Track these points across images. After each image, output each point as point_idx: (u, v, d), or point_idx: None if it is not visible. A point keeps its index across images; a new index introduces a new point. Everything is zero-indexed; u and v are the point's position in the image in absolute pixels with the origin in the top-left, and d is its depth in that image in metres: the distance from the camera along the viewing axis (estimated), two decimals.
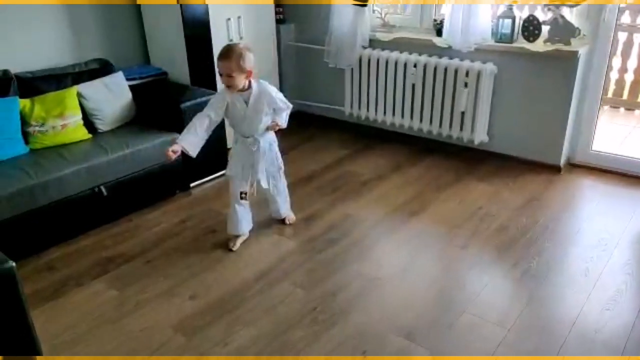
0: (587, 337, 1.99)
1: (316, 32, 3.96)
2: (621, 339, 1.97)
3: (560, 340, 1.98)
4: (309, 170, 3.48)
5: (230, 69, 2.25)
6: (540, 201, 3.00)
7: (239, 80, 2.29)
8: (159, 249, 2.64)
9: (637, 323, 2.04)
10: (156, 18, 3.46)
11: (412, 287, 2.32)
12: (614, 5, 2.96)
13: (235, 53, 2.25)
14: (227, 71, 2.26)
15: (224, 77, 2.29)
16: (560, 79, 3.13)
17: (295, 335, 2.04)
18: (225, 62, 2.26)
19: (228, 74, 2.26)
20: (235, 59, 2.24)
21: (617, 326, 2.04)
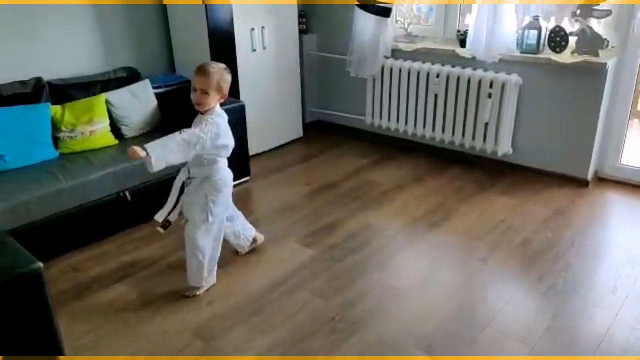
0: (614, 356, 1.92)
1: (338, 41, 3.99)
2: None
3: (586, 358, 1.92)
4: (330, 179, 3.48)
5: (208, 86, 2.11)
6: (566, 215, 2.93)
7: (212, 99, 2.15)
8: (180, 254, 2.65)
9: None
10: (182, 24, 3.53)
11: (432, 298, 2.29)
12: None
13: (218, 71, 2.14)
14: (203, 87, 2.11)
15: (196, 94, 2.13)
16: (587, 91, 3.07)
17: (314, 344, 2.03)
18: (203, 78, 2.11)
19: (204, 91, 2.11)
20: (216, 76, 2.12)
21: None
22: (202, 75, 2.13)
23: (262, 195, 3.40)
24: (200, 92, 2.13)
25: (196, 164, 2.26)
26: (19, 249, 1.76)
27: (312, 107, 4.38)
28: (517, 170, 3.45)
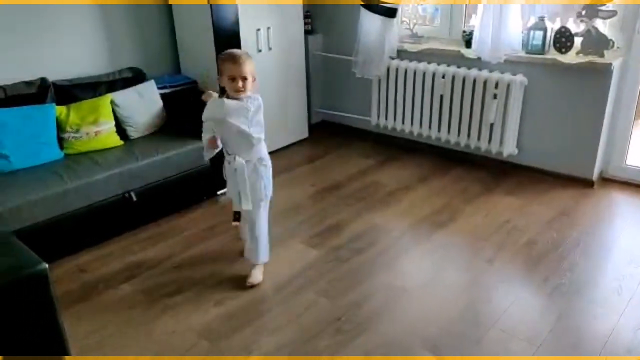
0: (619, 356, 1.92)
1: (344, 42, 3.99)
2: None
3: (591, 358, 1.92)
4: (335, 180, 3.49)
5: (247, 72, 2.15)
6: (572, 216, 2.93)
7: (251, 83, 2.19)
8: (186, 255, 2.68)
9: None
10: (187, 24, 3.53)
11: (438, 299, 2.28)
12: None
13: (248, 56, 2.19)
14: (243, 74, 2.14)
15: (236, 82, 2.14)
16: (593, 91, 3.07)
17: (320, 345, 2.03)
18: (239, 66, 2.14)
19: (244, 77, 2.15)
20: (250, 61, 2.17)
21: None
22: (238, 63, 2.15)
23: None
24: (241, 79, 2.16)
25: (247, 148, 2.28)
26: (24, 250, 1.76)
27: (318, 108, 4.38)
28: (522, 170, 3.45)
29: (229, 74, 2.16)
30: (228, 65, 2.16)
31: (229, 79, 2.16)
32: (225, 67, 2.17)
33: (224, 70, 2.18)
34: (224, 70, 2.18)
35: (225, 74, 2.17)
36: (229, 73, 2.16)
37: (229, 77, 2.16)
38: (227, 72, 2.16)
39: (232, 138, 2.25)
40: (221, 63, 2.20)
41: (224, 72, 2.18)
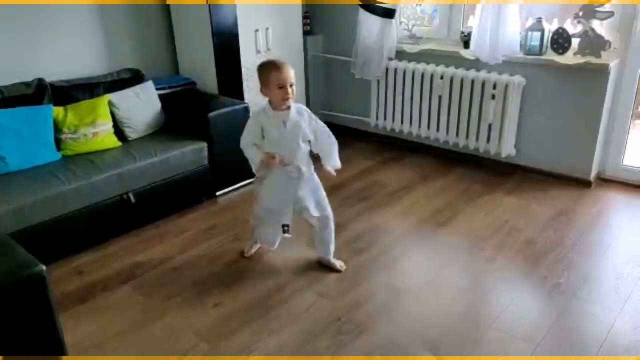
0: (617, 356, 1.93)
1: (343, 43, 4.00)
2: None
3: (591, 354, 1.92)
4: (335, 181, 3.43)
5: (293, 78, 2.15)
6: (570, 216, 2.94)
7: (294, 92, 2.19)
8: (185, 256, 2.67)
9: None
10: (186, 25, 3.52)
11: (439, 299, 2.29)
12: None
13: (288, 64, 2.19)
14: (290, 80, 2.15)
15: (284, 90, 2.14)
16: (590, 92, 3.08)
17: (320, 345, 2.03)
18: (285, 73, 2.14)
19: (291, 83, 2.15)
20: (291, 68, 2.17)
21: None
22: (283, 70, 2.15)
23: None
24: (288, 86, 2.15)
25: (306, 156, 2.33)
26: (22, 252, 1.75)
27: (317, 109, 4.38)
28: (521, 171, 3.46)
29: (277, 82, 2.14)
30: (274, 74, 2.14)
31: (278, 87, 2.15)
32: (271, 76, 2.15)
33: (271, 80, 2.15)
34: (269, 80, 2.15)
35: (272, 83, 2.15)
36: (277, 82, 2.14)
37: (278, 86, 2.14)
38: (274, 81, 2.14)
39: (286, 147, 2.26)
40: (264, 73, 2.18)
41: (271, 82, 2.15)
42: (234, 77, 3.54)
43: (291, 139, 2.25)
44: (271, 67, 2.16)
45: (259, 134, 2.28)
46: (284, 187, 2.32)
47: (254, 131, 2.28)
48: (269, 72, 2.16)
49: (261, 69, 2.21)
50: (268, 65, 2.18)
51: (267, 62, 2.23)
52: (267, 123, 2.25)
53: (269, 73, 2.16)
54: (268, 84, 2.17)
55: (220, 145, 3.18)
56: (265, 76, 2.17)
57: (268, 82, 2.17)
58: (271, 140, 2.26)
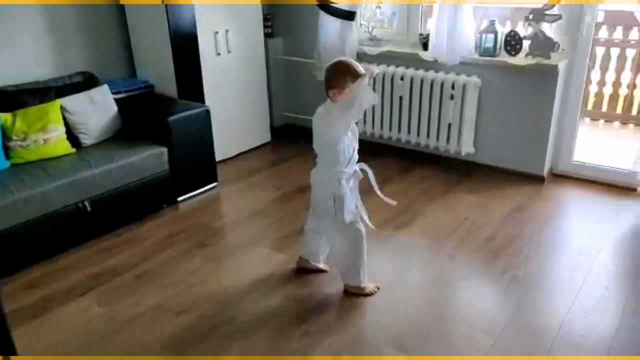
0: (572, 342, 2.02)
1: (305, 45, 4.00)
2: (605, 343, 2.00)
3: (547, 345, 2.01)
4: (300, 183, 3.47)
5: None
6: (526, 211, 3.05)
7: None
8: (148, 264, 2.60)
9: (619, 328, 2.08)
10: (142, 26, 3.44)
11: (404, 297, 2.32)
12: (591, 18, 3.06)
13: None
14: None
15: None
16: (541, 92, 3.21)
17: (289, 348, 2.02)
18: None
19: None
20: None
21: (601, 331, 2.07)
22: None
23: (230, 202, 3.36)
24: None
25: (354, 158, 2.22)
26: None
27: (281, 111, 4.37)
28: (480, 168, 3.56)
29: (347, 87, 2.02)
30: (352, 79, 2.01)
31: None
32: (349, 80, 2.01)
33: (347, 84, 2.01)
34: (347, 83, 2.01)
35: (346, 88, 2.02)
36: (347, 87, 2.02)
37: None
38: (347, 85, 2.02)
39: (352, 146, 2.18)
40: (343, 76, 2.03)
41: (347, 86, 2.01)
42: (194, 80, 3.48)
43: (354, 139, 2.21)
44: (352, 71, 2.03)
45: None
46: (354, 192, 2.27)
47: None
48: (349, 75, 2.02)
49: (337, 71, 2.06)
50: (347, 68, 2.04)
51: (345, 63, 2.06)
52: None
53: (345, 76, 2.02)
54: (345, 87, 2.03)
55: (181, 149, 3.12)
56: (344, 79, 2.03)
57: (346, 84, 2.02)
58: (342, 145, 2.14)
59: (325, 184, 2.20)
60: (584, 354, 1.96)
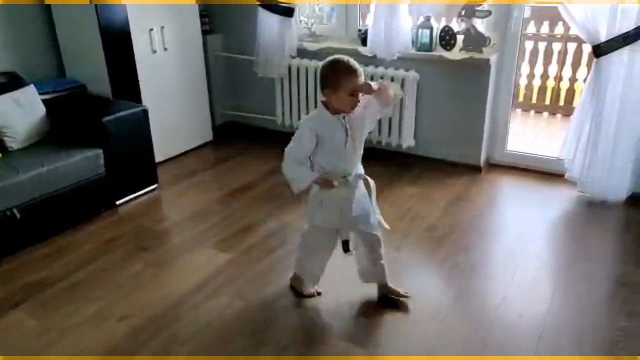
0: (510, 322, 2.13)
1: (244, 42, 3.95)
2: (540, 320, 2.12)
3: (487, 325, 2.10)
4: (244, 181, 3.44)
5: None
6: (464, 200, 3.17)
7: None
8: (85, 271, 2.49)
9: (551, 305, 2.21)
10: (70, 25, 3.28)
11: (351, 290, 2.34)
12: (519, 13, 3.21)
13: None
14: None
15: (356, 96, 1.86)
16: (475, 85, 3.35)
17: (236, 347, 2.00)
18: (361, 77, 1.86)
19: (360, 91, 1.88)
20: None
21: (536, 309, 2.19)
22: (359, 74, 1.86)
23: (172, 203, 3.27)
24: (358, 95, 1.87)
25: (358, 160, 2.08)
26: None
27: (222, 109, 4.29)
28: (421, 161, 3.66)
29: (352, 88, 1.84)
30: (350, 79, 1.84)
31: (350, 94, 1.86)
32: (344, 80, 1.83)
33: (343, 85, 1.84)
34: (342, 84, 1.84)
35: (344, 89, 1.84)
36: (352, 87, 1.84)
37: (351, 93, 1.85)
38: (349, 86, 1.84)
39: (348, 155, 1.98)
40: (336, 76, 1.85)
41: (343, 87, 1.84)
42: (129, 79, 3.35)
43: (355, 144, 1.96)
44: (346, 71, 1.85)
45: (312, 147, 1.95)
46: (343, 201, 2.01)
47: (309, 146, 1.94)
48: (343, 75, 1.84)
49: (331, 70, 1.87)
50: (342, 68, 1.85)
51: (340, 62, 1.87)
52: (326, 131, 1.92)
53: (343, 77, 1.84)
54: (338, 89, 1.85)
55: (117, 151, 3.01)
56: (337, 79, 1.85)
57: (339, 86, 1.84)
58: (328, 151, 1.95)
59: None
60: (520, 333, 2.06)
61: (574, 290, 2.32)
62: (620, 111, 2.89)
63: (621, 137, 2.93)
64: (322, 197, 2.03)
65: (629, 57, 2.79)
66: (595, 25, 2.80)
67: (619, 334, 2.03)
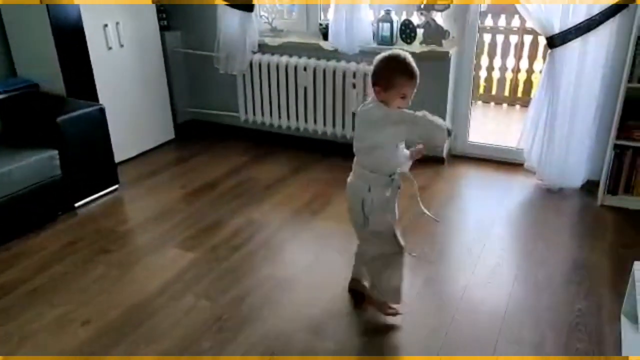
0: (474, 309, 2.18)
1: (204, 38, 3.89)
2: (502, 306, 2.18)
3: (452, 312, 2.15)
4: (208, 179, 3.40)
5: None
6: (428, 191, 3.22)
7: None
8: (44, 276, 2.40)
9: (513, 291, 2.28)
10: (20, 24, 3.14)
11: (319, 284, 2.36)
12: (476, 6, 3.28)
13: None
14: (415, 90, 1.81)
15: (407, 100, 1.81)
16: (437, 78, 3.40)
17: (203, 346, 1.97)
18: (416, 83, 1.79)
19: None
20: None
21: (498, 296, 2.26)
22: (416, 79, 1.78)
23: (134, 203, 3.19)
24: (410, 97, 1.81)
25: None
26: None
27: (184, 107, 4.21)
28: None
29: (403, 91, 1.77)
30: (405, 81, 1.77)
31: (401, 97, 1.79)
32: (399, 81, 1.76)
33: (396, 85, 1.76)
34: (395, 84, 1.76)
35: (397, 90, 1.76)
36: (403, 91, 1.77)
37: (402, 95, 1.78)
38: (400, 89, 1.77)
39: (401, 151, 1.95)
40: (392, 75, 1.76)
41: (396, 88, 1.76)
42: (84, 77, 3.24)
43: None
44: (403, 72, 1.77)
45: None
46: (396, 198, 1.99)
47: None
48: (397, 76, 1.76)
49: (389, 68, 1.78)
50: (400, 68, 1.77)
51: (400, 61, 1.78)
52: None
53: (396, 77, 1.76)
54: (391, 88, 1.77)
55: (74, 152, 2.91)
56: (394, 79, 1.77)
57: (393, 85, 1.77)
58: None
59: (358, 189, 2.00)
60: (483, 319, 2.11)
61: (534, 275, 2.40)
62: (574, 101, 3.00)
63: (576, 126, 3.04)
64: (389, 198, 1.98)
65: (580, 47, 2.89)
66: (549, 18, 2.89)
67: (577, 315, 2.11)
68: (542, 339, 2.00)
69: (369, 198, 1.96)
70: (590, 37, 2.85)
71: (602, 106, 2.99)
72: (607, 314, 2.11)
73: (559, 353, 1.93)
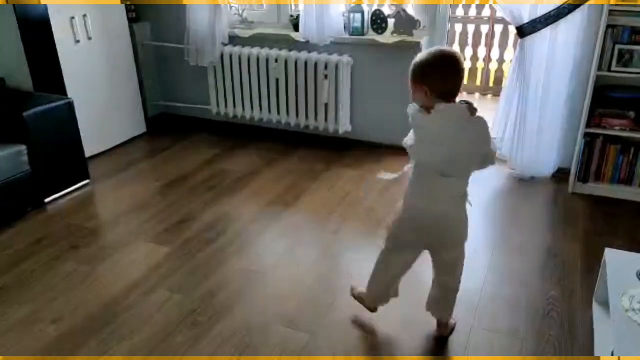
0: None
1: (174, 30, 3.83)
2: (475, 295, 2.23)
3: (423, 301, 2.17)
4: (180, 172, 3.37)
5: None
6: (400, 182, 3.25)
7: None
8: (11, 274, 2.36)
9: (486, 279, 2.34)
10: None
11: (292, 275, 2.38)
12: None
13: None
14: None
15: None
16: (407, 68, 3.40)
17: (175, 341, 1.98)
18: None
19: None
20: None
21: (471, 284, 2.28)
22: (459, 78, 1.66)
23: (105, 198, 3.15)
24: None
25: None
26: None
27: (155, 100, 4.16)
28: (358, 145, 3.72)
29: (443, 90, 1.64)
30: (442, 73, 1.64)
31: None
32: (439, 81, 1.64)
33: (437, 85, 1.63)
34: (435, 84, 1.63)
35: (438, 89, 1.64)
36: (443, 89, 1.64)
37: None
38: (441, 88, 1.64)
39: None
40: (433, 73, 1.64)
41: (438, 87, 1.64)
42: (51, 71, 3.17)
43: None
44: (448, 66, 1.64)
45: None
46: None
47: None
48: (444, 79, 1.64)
49: (433, 66, 1.65)
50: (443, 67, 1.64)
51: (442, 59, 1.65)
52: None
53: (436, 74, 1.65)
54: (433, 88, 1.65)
55: (42, 147, 2.86)
56: (430, 77, 1.65)
57: (433, 85, 1.65)
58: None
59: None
60: (458, 307, 2.11)
61: (507, 263, 2.45)
62: (545, 89, 3.02)
63: (546, 114, 3.07)
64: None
65: (550, 36, 2.91)
66: (518, 7, 2.92)
67: (550, 301, 2.17)
68: (516, 325, 2.04)
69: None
70: (560, 26, 2.87)
71: (572, 94, 3.03)
72: (580, 300, 2.17)
73: (532, 339, 1.97)
